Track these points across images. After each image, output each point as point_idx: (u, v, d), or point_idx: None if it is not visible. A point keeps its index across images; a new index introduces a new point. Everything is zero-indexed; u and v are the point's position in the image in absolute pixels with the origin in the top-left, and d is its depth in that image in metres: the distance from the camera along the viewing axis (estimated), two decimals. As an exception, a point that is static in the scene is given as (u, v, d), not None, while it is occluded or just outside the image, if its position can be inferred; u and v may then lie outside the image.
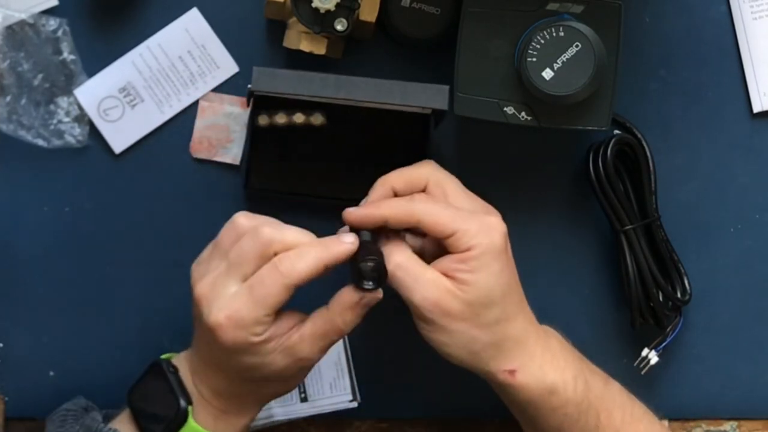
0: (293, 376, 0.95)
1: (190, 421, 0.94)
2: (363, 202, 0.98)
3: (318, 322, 0.93)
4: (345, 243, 0.93)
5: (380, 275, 0.93)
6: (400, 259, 0.94)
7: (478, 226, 0.94)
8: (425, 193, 0.97)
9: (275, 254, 0.91)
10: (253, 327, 0.91)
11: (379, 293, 0.93)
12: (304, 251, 0.91)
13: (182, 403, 0.94)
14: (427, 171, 0.98)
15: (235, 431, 0.96)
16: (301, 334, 0.93)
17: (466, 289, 0.93)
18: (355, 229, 0.95)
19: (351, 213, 0.95)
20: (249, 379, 0.94)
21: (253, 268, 0.91)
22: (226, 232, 0.94)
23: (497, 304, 0.94)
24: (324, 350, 0.94)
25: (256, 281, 0.91)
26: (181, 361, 0.97)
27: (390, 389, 1.08)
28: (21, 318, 1.06)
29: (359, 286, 0.92)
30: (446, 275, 0.94)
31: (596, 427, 0.97)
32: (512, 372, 0.95)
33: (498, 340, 0.95)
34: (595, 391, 0.97)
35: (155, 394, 0.96)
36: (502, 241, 0.95)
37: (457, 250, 0.94)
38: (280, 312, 0.92)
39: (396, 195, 0.97)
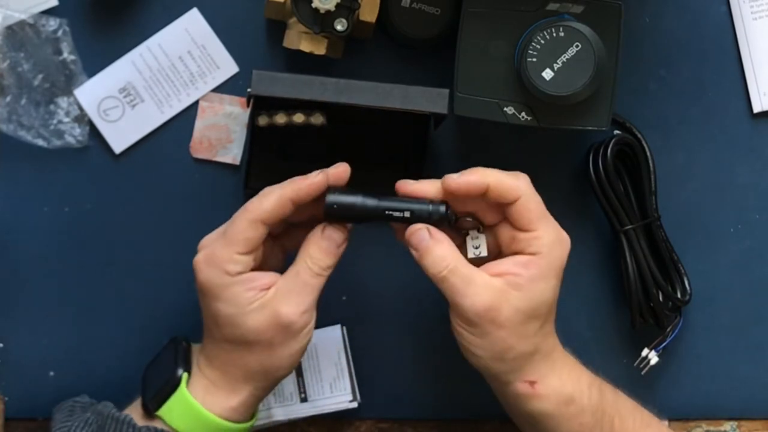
0: (276, 343, 0.94)
1: (182, 387, 0.95)
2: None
3: (291, 270, 0.94)
4: (309, 178, 0.94)
5: (340, 209, 0.93)
6: (449, 261, 0.93)
7: (555, 235, 0.95)
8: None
9: None
10: (225, 264, 0.93)
11: (340, 229, 0.94)
12: (271, 190, 0.94)
13: (179, 370, 0.96)
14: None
15: (223, 409, 0.95)
16: (278, 287, 0.94)
17: (520, 295, 0.93)
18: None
19: (453, 179, 0.94)
20: (231, 340, 0.94)
21: None
22: None
23: (541, 317, 0.94)
24: (301, 305, 0.93)
25: (229, 223, 0.95)
26: (198, 345, 0.99)
27: (390, 389, 1.08)
28: (21, 318, 1.06)
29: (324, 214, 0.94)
30: (502, 275, 0.93)
31: None
32: (533, 383, 0.95)
33: (532, 351, 0.95)
34: (608, 398, 0.97)
35: (161, 364, 0.98)
36: (565, 259, 0.95)
37: (524, 250, 0.94)
38: (264, 269, 0.95)
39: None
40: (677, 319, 1.07)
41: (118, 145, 1.06)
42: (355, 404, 1.06)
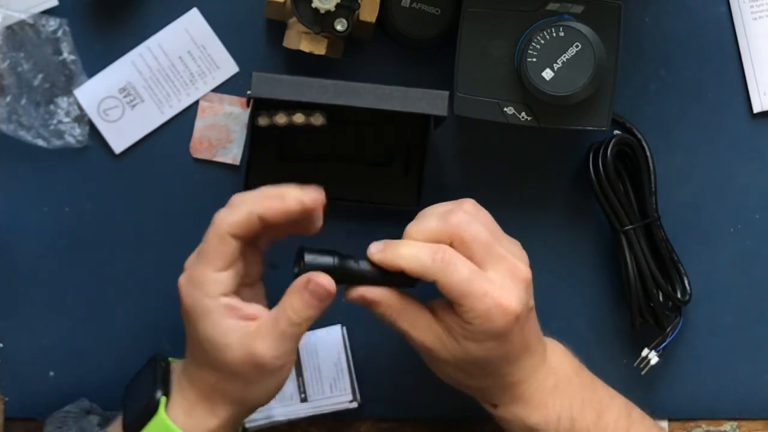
0: (252, 380, 0.92)
1: (161, 411, 0.93)
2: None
3: (272, 313, 0.93)
4: (285, 200, 0.92)
5: (310, 268, 0.92)
6: (393, 310, 0.94)
7: (485, 308, 0.91)
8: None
9: None
10: (204, 284, 0.91)
11: (327, 285, 0.92)
12: (241, 201, 0.93)
13: (157, 393, 0.94)
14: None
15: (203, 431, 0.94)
16: (259, 323, 0.92)
17: (456, 347, 0.93)
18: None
19: (373, 250, 0.94)
20: (213, 367, 0.92)
21: None
22: None
23: (485, 368, 0.94)
24: (278, 349, 0.91)
25: (203, 241, 0.93)
26: (179, 362, 0.97)
27: (390, 389, 1.08)
28: (21, 318, 1.06)
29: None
30: (443, 323, 0.94)
31: None
32: (495, 405, 0.97)
33: (484, 387, 0.96)
34: (582, 426, 0.96)
35: (141, 386, 0.96)
36: (506, 327, 0.92)
37: (460, 315, 0.92)
38: (246, 281, 0.94)
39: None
40: (677, 319, 1.07)
41: (118, 145, 1.06)
42: (355, 404, 1.06)
